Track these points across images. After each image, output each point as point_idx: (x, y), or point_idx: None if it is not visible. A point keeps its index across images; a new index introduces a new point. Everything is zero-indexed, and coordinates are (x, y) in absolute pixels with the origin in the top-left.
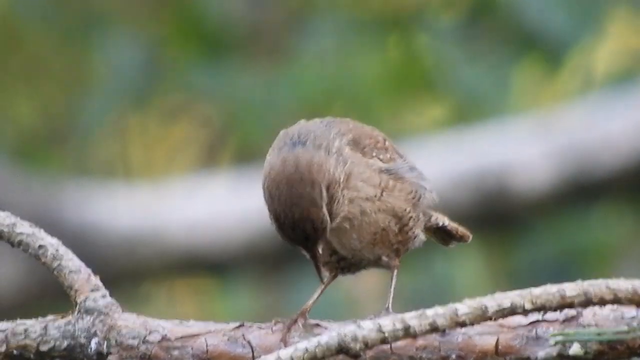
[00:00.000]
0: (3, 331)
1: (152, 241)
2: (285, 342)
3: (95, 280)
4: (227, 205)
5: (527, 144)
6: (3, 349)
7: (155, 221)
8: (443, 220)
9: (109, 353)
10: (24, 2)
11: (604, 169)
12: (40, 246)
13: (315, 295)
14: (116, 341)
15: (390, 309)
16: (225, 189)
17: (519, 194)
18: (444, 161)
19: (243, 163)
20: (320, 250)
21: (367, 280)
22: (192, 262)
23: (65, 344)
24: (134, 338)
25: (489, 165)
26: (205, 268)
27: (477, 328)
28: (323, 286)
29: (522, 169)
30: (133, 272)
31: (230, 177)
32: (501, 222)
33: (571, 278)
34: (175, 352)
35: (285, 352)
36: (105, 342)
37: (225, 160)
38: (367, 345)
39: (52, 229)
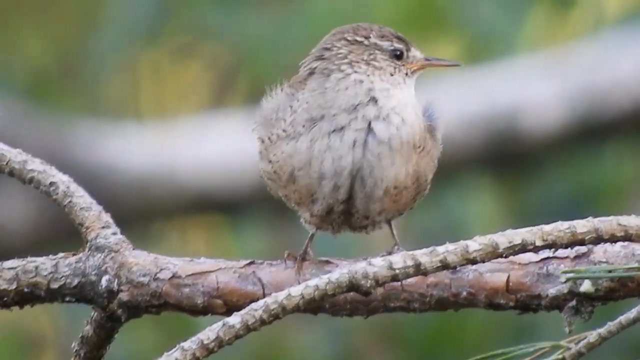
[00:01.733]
0: (14, 268)
1: (163, 181)
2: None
3: (106, 218)
4: (238, 144)
5: (538, 84)
6: (14, 286)
7: (167, 161)
8: None
9: (119, 290)
10: None
11: (615, 108)
12: (52, 183)
13: (307, 242)
14: (127, 278)
15: (400, 246)
16: (236, 129)
17: (531, 133)
18: (455, 101)
19: (254, 102)
20: None
21: None
22: (203, 201)
23: (75, 281)
24: (144, 275)
25: (500, 105)
26: (216, 207)
27: (488, 265)
28: (311, 234)
29: (533, 108)
30: (144, 211)
31: (241, 116)
32: (513, 162)
33: (583, 216)
34: (186, 290)
35: (295, 289)
36: (116, 280)
37: (236, 99)
38: (377, 283)
39: (64, 169)
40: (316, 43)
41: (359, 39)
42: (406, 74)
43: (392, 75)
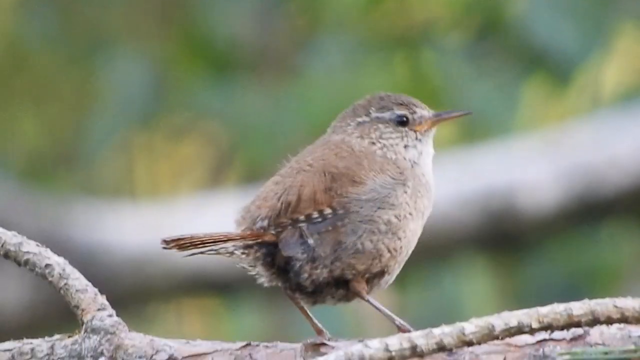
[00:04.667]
0: (10, 350)
1: (158, 260)
2: None
3: (102, 300)
4: (232, 224)
5: (534, 163)
6: None
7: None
8: None
9: None
10: (30, 24)
11: (611, 188)
12: (47, 265)
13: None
14: None
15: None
16: (232, 209)
17: (527, 213)
18: (451, 180)
19: (249, 183)
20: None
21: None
22: (198, 281)
23: None
24: (140, 357)
25: (496, 184)
26: (211, 288)
27: (484, 347)
28: (305, 310)
29: (529, 188)
30: (140, 291)
31: (236, 196)
32: (508, 242)
33: (579, 298)
34: None
35: None
36: None
37: (232, 179)
38: None
39: (60, 249)
40: (311, 122)
41: (359, 119)
42: (416, 138)
43: (405, 146)
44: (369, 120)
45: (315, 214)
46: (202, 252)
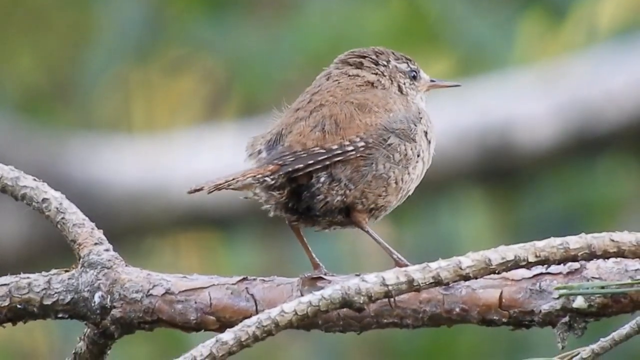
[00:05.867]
0: (7, 285)
1: (156, 196)
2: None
3: (99, 234)
4: (231, 159)
5: (530, 99)
6: (7, 302)
7: (159, 176)
8: None
9: (112, 307)
10: None
11: (608, 123)
12: (44, 199)
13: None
14: (120, 295)
15: (400, 258)
16: (229, 143)
17: (523, 148)
18: (448, 116)
19: (247, 117)
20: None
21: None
22: (196, 217)
23: (68, 297)
24: (137, 292)
25: (493, 120)
26: (209, 223)
27: (481, 281)
28: (306, 243)
29: (526, 123)
30: (137, 227)
31: (234, 131)
32: (505, 176)
33: (576, 232)
34: (179, 306)
35: (288, 306)
36: (109, 296)
37: (229, 114)
38: (370, 299)
39: (57, 185)
40: (308, 57)
41: (379, 61)
42: (421, 97)
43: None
44: (388, 66)
45: (350, 141)
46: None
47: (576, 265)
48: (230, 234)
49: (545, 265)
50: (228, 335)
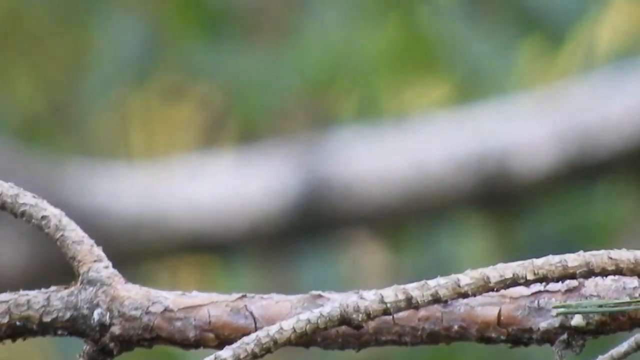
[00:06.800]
0: (6, 302)
1: (154, 223)
2: None
3: (98, 251)
4: (229, 186)
5: (529, 125)
6: (6, 320)
7: (157, 203)
8: None
9: (111, 324)
10: None
11: (606, 148)
12: (43, 217)
13: None
14: (119, 312)
15: None
16: (228, 170)
17: (521, 173)
18: (445, 142)
19: (245, 143)
20: None
21: (370, 257)
22: (194, 244)
23: (68, 314)
24: (136, 309)
25: (491, 145)
26: (207, 250)
27: (479, 299)
28: None
29: (524, 149)
30: (135, 254)
31: (232, 158)
32: (503, 202)
33: (573, 252)
34: (178, 323)
35: (287, 323)
36: (108, 313)
37: (227, 140)
38: (369, 316)
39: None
40: (306, 84)
41: None
42: None
43: None
44: None
45: None
46: None
47: (574, 282)
48: (228, 261)
49: (544, 283)
50: (227, 353)
